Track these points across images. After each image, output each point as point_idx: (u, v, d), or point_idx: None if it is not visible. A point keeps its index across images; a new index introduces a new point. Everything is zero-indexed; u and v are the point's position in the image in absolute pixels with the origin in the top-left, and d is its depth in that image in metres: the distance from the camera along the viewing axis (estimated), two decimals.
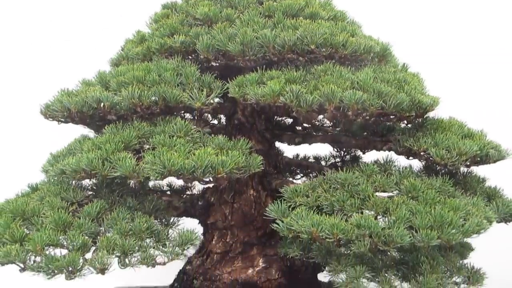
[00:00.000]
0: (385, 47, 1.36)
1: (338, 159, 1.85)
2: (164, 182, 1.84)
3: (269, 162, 1.68)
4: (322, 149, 1.89)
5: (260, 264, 1.62)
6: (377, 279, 1.14)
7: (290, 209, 1.21)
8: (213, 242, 1.65)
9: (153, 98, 1.22)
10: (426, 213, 1.09)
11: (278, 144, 1.83)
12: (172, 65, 1.30)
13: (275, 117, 1.81)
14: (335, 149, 1.84)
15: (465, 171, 1.50)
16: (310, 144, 1.88)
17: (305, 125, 1.87)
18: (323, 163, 1.89)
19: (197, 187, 1.83)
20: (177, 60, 1.33)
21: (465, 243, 1.52)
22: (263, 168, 1.29)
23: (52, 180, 1.34)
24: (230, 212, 1.63)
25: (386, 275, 1.13)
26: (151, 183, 1.64)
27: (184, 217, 1.69)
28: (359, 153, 1.77)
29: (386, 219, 1.10)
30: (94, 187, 1.34)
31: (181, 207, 1.64)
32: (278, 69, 1.28)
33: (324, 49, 1.25)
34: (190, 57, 1.42)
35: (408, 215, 1.08)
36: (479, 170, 1.55)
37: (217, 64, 1.56)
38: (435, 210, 1.09)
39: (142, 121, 1.25)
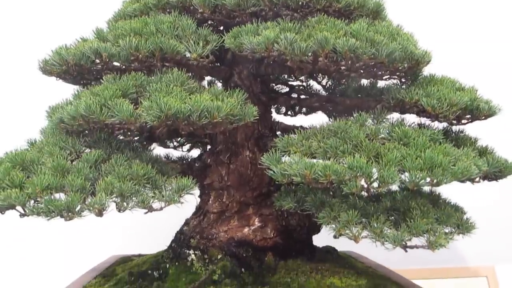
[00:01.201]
0: (379, 3, 1.38)
1: None
2: (162, 153, 1.88)
3: (265, 125, 1.71)
4: (317, 121, 1.92)
5: (256, 223, 1.65)
6: (368, 225, 1.16)
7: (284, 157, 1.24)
8: (210, 202, 1.68)
9: (150, 47, 1.24)
10: (417, 157, 1.12)
11: (275, 115, 1.87)
12: (169, 18, 1.32)
13: (271, 84, 1.85)
14: (331, 120, 1.86)
15: (458, 130, 1.53)
16: (306, 111, 1.91)
17: (301, 96, 1.90)
18: None
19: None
20: (174, 14, 1.35)
21: (457, 206, 1.55)
22: (257, 117, 1.31)
23: (51, 133, 1.36)
24: (226, 173, 1.66)
25: (378, 220, 1.16)
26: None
27: None
28: None
29: (378, 162, 1.12)
30: (92, 142, 1.36)
31: (178, 168, 1.67)
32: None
33: (318, 2, 1.27)
34: (187, 15, 1.44)
35: (399, 158, 1.11)
36: (471, 132, 1.58)
37: (215, 24, 1.59)
38: (425, 154, 1.12)
39: (139, 73, 1.28)
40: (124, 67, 1.34)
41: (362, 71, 1.30)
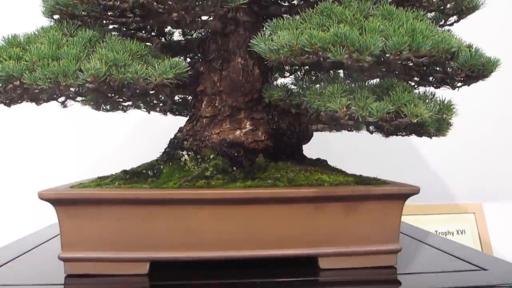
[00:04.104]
0: None
1: None
2: None
3: (256, 35, 1.74)
4: None
5: (247, 126, 1.70)
6: (353, 99, 1.21)
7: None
8: (202, 107, 1.73)
9: None
10: (399, 26, 1.16)
11: None
12: None
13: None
14: None
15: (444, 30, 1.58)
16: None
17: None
18: None
19: None
20: None
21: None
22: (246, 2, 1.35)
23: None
24: (219, 79, 1.71)
25: (362, 94, 1.20)
26: None
27: None
28: None
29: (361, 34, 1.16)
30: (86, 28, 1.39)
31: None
32: None
33: None
34: None
35: (382, 28, 1.16)
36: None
37: None
38: (407, 25, 1.16)
39: None
40: None
41: None
